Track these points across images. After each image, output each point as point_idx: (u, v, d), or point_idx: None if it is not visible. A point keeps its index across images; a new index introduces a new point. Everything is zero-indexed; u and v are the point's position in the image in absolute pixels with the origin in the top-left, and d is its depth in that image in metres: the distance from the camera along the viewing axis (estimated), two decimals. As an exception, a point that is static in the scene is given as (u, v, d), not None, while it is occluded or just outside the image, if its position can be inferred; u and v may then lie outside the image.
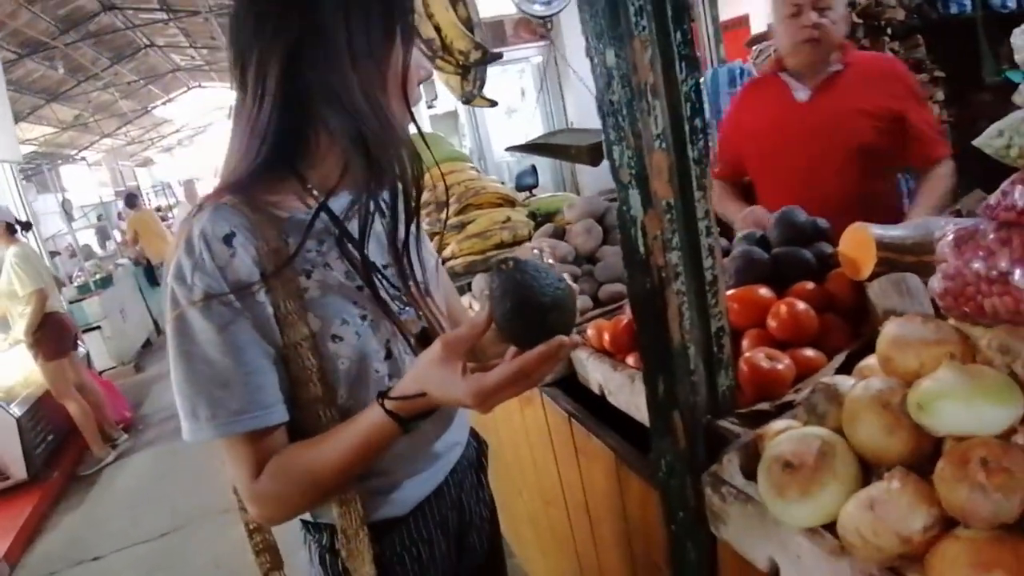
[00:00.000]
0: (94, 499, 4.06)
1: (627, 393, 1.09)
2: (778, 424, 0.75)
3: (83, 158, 14.34)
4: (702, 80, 2.86)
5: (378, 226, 0.88)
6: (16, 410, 4.10)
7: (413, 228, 0.95)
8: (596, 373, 1.20)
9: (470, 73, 1.89)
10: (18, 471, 4.03)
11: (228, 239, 0.72)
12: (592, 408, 1.22)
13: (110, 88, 11.69)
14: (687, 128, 0.66)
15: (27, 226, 4.31)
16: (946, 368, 0.61)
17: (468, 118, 6.06)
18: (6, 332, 4.63)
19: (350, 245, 0.81)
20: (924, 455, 0.62)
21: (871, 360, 0.77)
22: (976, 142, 0.91)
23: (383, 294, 0.83)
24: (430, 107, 7.23)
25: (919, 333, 0.68)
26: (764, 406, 0.84)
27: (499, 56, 1.90)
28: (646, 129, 0.65)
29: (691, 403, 0.75)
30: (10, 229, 4.17)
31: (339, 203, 0.83)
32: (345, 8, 0.73)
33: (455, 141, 6.74)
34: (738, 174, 1.94)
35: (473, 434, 1.10)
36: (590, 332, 1.25)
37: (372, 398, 0.81)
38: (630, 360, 1.14)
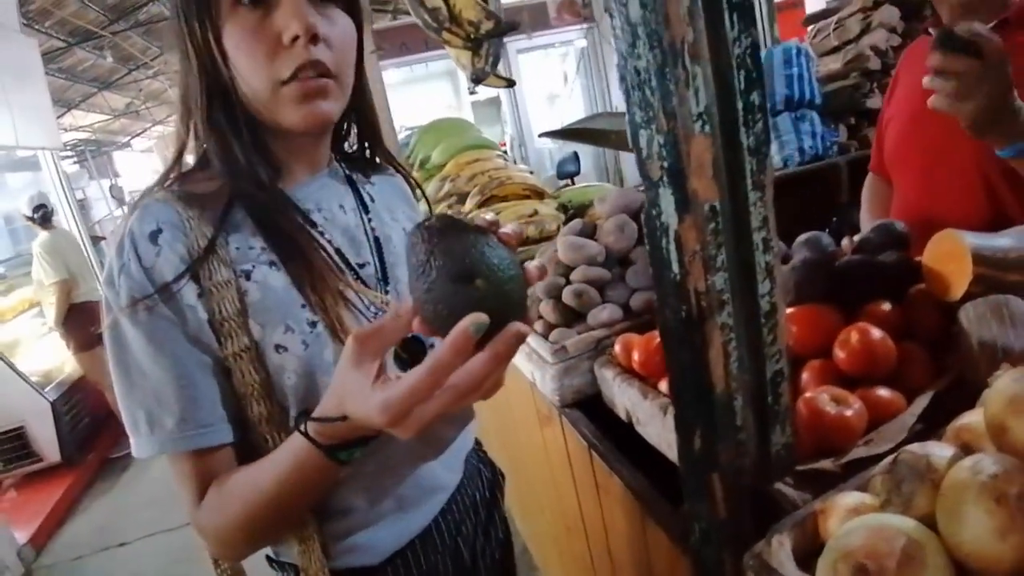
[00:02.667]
0: (124, 485, 4.14)
1: (658, 426, 0.93)
2: (847, 499, 0.58)
3: (130, 145, 14.71)
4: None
5: (352, 218, 0.80)
6: (51, 394, 4.19)
7: (391, 223, 0.85)
8: (623, 398, 1.04)
9: (481, 47, 1.71)
10: (51, 454, 4.14)
11: (154, 236, 0.65)
12: (619, 430, 1.05)
13: (160, 76, 11.91)
14: (740, 105, 0.48)
15: (47, 217, 4.33)
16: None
17: (509, 104, 5.90)
18: (43, 317, 4.74)
19: (302, 239, 0.71)
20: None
21: (973, 418, 0.60)
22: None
23: (349, 295, 0.72)
24: (471, 93, 7.11)
25: (1049, 393, 0.50)
26: (827, 464, 0.67)
27: (515, 26, 1.71)
28: (682, 106, 0.47)
29: (735, 465, 0.58)
30: (43, 219, 4.24)
31: (301, 191, 0.76)
32: None
33: (497, 129, 6.60)
34: None
35: (486, 463, 0.99)
36: (618, 348, 1.09)
37: None
38: (663, 385, 0.97)
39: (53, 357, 4.60)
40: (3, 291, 4.89)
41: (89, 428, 4.54)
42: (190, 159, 0.74)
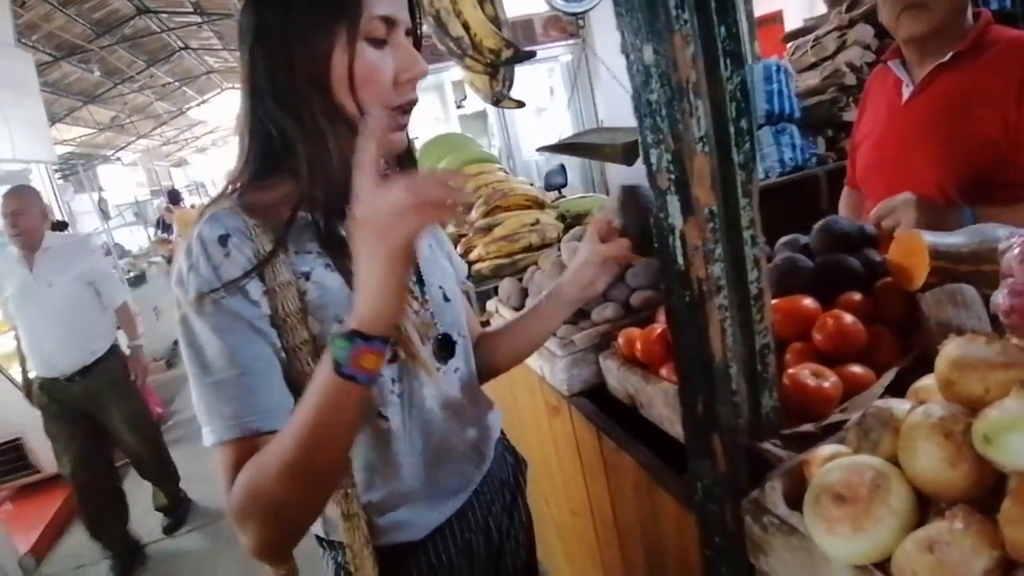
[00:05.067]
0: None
1: (661, 407, 1.04)
2: (826, 449, 0.70)
3: (118, 158, 14.67)
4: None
5: None
6: (47, 405, 4.16)
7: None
8: (627, 385, 1.15)
9: (499, 72, 1.84)
10: (49, 465, 4.06)
11: (223, 240, 0.72)
12: (622, 417, 1.17)
13: (146, 90, 11.95)
14: (732, 130, 0.61)
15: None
16: (1016, 397, 0.55)
17: (497, 118, 6.02)
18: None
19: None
20: (987, 490, 0.56)
21: (928, 381, 0.71)
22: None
23: None
24: (459, 107, 7.23)
25: (984, 354, 0.62)
26: (809, 427, 0.78)
27: (532, 55, 1.85)
28: (687, 131, 0.60)
29: (732, 425, 0.70)
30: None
31: None
32: (283, 9, 0.73)
33: (484, 142, 6.73)
34: None
35: (510, 451, 1.07)
36: (621, 340, 1.20)
37: (375, 403, 0.79)
38: (663, 371, 1.09)
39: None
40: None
41: (87, 440, 4.55)
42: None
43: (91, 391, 3.06)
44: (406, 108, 0.78)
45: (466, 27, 1.74)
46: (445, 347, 0.88)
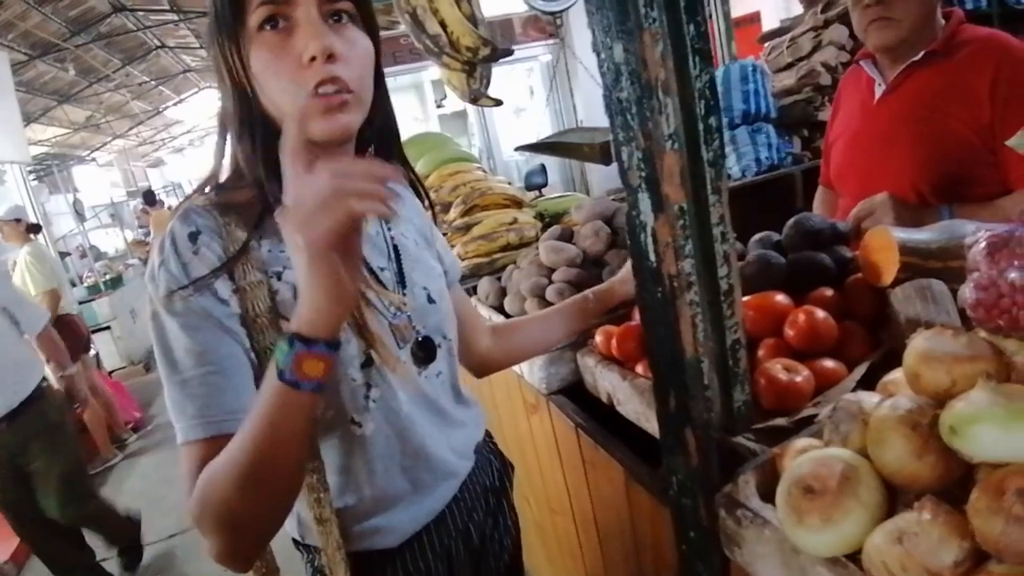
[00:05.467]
0: (102, 500, 4.05)
1: (636, 403, 1.05)
2: (798, 443, 0.70)
3: (94, 159, 14.44)
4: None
5: (373, 226, 0.86)
6: (25, 409, 4.07)
7: (406, 231, 0.93)
8: (604, 382, 1.16)
9: (476, 71, 1.84)
10: None
11: (193, 237, 0.71)
12: (600, 415, 1.18)
13: (122, 89, 11.75)
14: (701, 127, 0.61)
15: (36, 228, 4.31)
16: (981, 389, 0.56)
17: (477, 118, 6.03)
18: (16, 332, 4.63)
19: None
20: (955, 480, 0.57)
21: (896, 375, 0.72)
22: (1010, 142, 0.86)
23: (370, 296, 0.79)
24: (439, 107, 7.23)
25: (950, 348, 0.63)
26: (782, 422, 0.79)
27: (510, 52, 1.85)
28: (657, 129, 0.60)
29: (704, 419, 0.70)
30: (28, 228, 4.19)
31: None
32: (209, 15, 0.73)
33: (464, 141, 6.73)
34: None
35: (495, 454, 1.06)
36: (598, 338, 1.21)
37: (350, 410, 0.78)
38: (639, 368, 1.09)
39: (26, 372, 4.52)
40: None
41: (63, 444, 4.46)
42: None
43: (19, 439, 2.55)
44: (330, 85, 0.70)
45: (443, 25, 1.74)
46: (425, 350, 0.86)
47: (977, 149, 1.28)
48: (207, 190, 0.78)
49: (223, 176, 0.79)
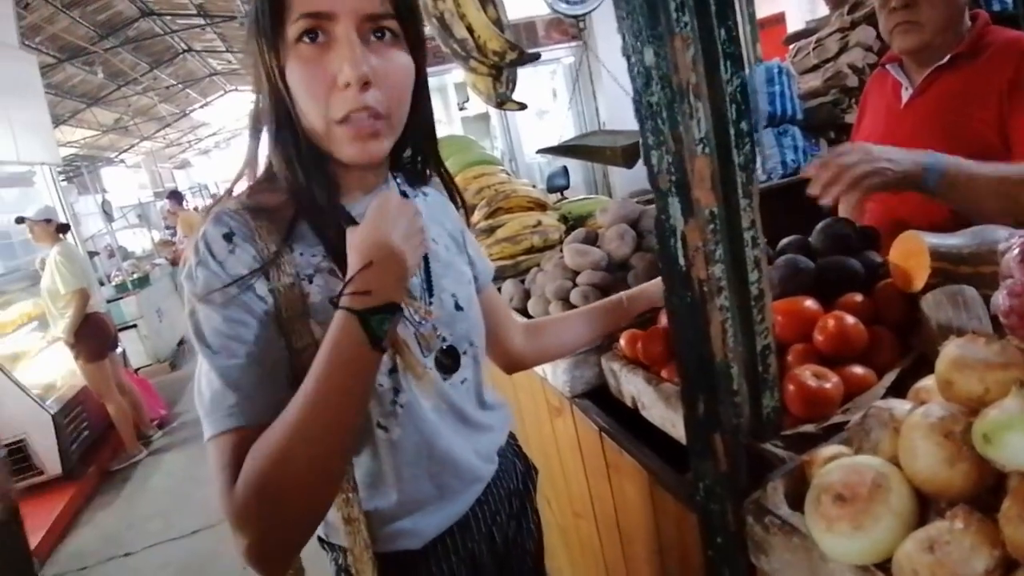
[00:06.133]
0: (128, 496, 4.15)
1: (662, 408, 1.05)
2: (827, 450, 0.70)
3: (122, 160, 14.71)
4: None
5: None
6: (52, 406, 4.20)
7: (437, 236, 0.93)
8: (629, 386, 1.16)
9: (502, 75, 1.85)
10: (53, 467, 4.14)
11: (228, 237, 0.72)
12: (624, 419, 1.17)
13: (149, 92, 11.99)
14: (732, 132, 0.61)
15: (64, 228, 4.40)
16: (1015, 396, 0.55)
17: (500, 120, 6.03)
18: (43, 331, 4.74)
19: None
20: (987, 489, 0.57)
21: (928, 382, 0.72)
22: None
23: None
24: (461, 109, 7.25)
25: (983, 355, 0.62)
26: (810, 428, 0.79)
27: (536, 57, 1.86)
28: (687, 133, 0.60)
29: (733, 425, 0.70)
30: (57, 229, 4.28)
31: (356, 208, 0.81)
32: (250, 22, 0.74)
33: (487, 143, 6.75)
34: None
35: (520, 456, 1.06)
36: (623, 342, 1.21)
37: (376, 415, 0.78)
38: (665, 372, 1.09)
39: (53, 370, 4.62)
40: (1, 304, 4.92)
41: (90, 441, 4.56)
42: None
43: None
44: (363, 112, 0.72)
45: (470, 29, 1.75)
46: (450, 358, 0.87)
47: (998, 151, 1.26)
48: (236, 192, 0.79)
49: (253, 177, 0.80)
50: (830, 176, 1.06)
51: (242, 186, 0.81)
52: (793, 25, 5.43)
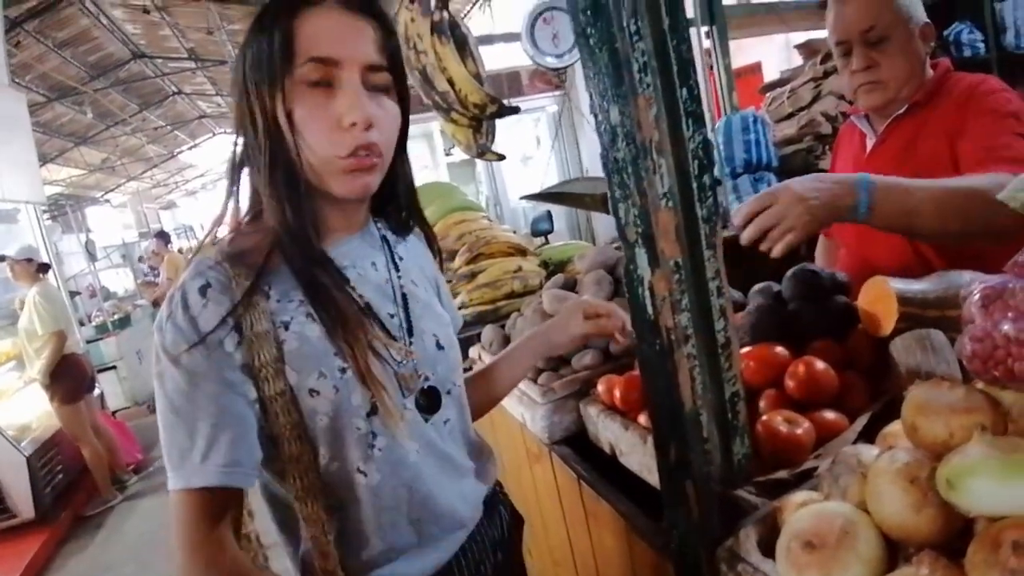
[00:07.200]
0: (101, 542, 4.02)
1: (639, 454, 1.05)
2: (798, 496, 0.70)
3: (108, 200, 14.69)
4: (715, 128, 2.87)
5: (383, 275, 0.88)
6: (27, 448, 4.09)
7: (416, 279, 0.94)
8: (607, 432, 1.16)
9: (482, 126, 1.90)
10: (26, 510, 4.01)
11: (203, 290, 0.73)
12: (602, 465, 1.17)
13: (138, 133, 12.05)
14: (695, 186, 0.64)
15: (45, 268, 4.37)
16: (977, 442, 0.57)
17: (485, 166, 6.15)
18: (20, 371, 4.66)
19: (349, 291, 0.80)
20: (954, 533, 0.57)
21: (895, 427, 0.73)
22: (1001, 196, 0.88)
23: (376, 346, 0.79)
24: (447, 155, 7.36)
25: (946, 399, 0.64)
26: (783, 475, 0.79)
27: (516, 110, 1.91)
28: (652, 187, 0.63)
29: (705, 472, 0.71)
30: (38, 269, 4.25)
31: (339, 250, 0.83)
32: (248, 51, 0.76)
33: (471, 188, 6.83)
34: None
35: (506, 505, 1.04)
36: (600, 388, 1.21)
37: (355, 459, 0.78)
38: (642, 419, 1.09)
39: (29, 411, 4.51)
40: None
41: (64, 484, 4.43)
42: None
43: None
44: (364, 150, 0.76)
45: (451, 82, 1.80)
46: (431, 398, 0.86)
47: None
48: (219, 237, 0.80)
49: (233, 221, 0.81)
50: (754, 233, 1.02)
51: (224, 230, 0.82)
52: (769, 74, 5.61)
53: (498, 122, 2.00)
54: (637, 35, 0.60)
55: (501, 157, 2.06)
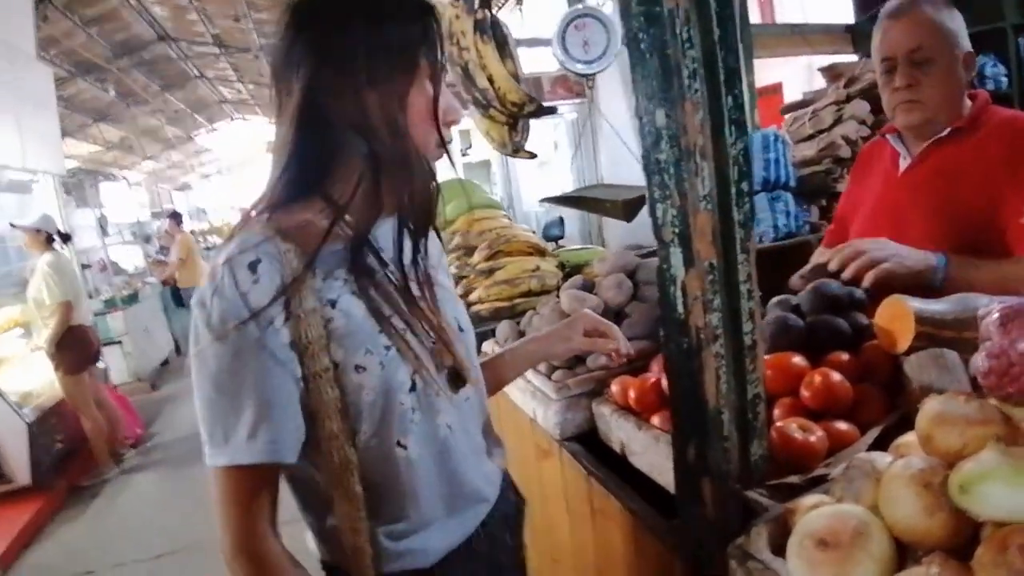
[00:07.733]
0: (94, 513, 4.04)
1: (651, 454, 1.07)
2: (809, 499, 0.73)
3: (124, 178, 14.76)
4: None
5: (408, 257, 0.87)
6: (29, 415, 4.11)
7: (433, 263, 0.95)
8: (619, 432, 1.18)
9: (518, 124, 1.94)
10: (23, 476, 4.02)
11: (253, 266, 0.72)
12: (609, 466, 1.19)
13: (157, 113, 12.12)
14: (733, 191, 0.66)
15: (66, 238, 4.40)
16: (991, 450, 0.59)
17: (500, 167, 6.17)
18: (28, 338, 4.69)
19: (387, 272, 0.82)
20: (964, 538, 0.59)
21: (909, 437, 0.75)
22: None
23: (413, 324, 0.82)
24: (464, 155, 7.41)
25: (962, 412, 0.66)
26: (795, 479, 0.81)
27: (553, 110, 1.96)
28: (692, 190, 0.65)
29: (722, 470, 0.73)
30: (48, 239, 4.27)
31: (381, 231, 0.84)
32: (365, 38, 0.76)
33: (487, 189, 6.85)
34: None
35: (513, 489, 1.06)
36: (615, 388, 1.23)
37: (397, 434, 0.80)
38: (655, 420, 1.11)
39: (34, 378, 4.53)
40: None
41: (62, 454, 4.44)
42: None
43: None
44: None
45: (491, 80, 1.84)
46: (458, 376, 0.89)
47: (989, 228, 1.32)
48: (257, 214, 0.81)
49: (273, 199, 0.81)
50: (849, 255, 1.17)
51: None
52: (790, 95, 5.63)
53: (517, 125, 2.04)
54: (689, 43, 0.63)
55: (533, 155, 2.10)
